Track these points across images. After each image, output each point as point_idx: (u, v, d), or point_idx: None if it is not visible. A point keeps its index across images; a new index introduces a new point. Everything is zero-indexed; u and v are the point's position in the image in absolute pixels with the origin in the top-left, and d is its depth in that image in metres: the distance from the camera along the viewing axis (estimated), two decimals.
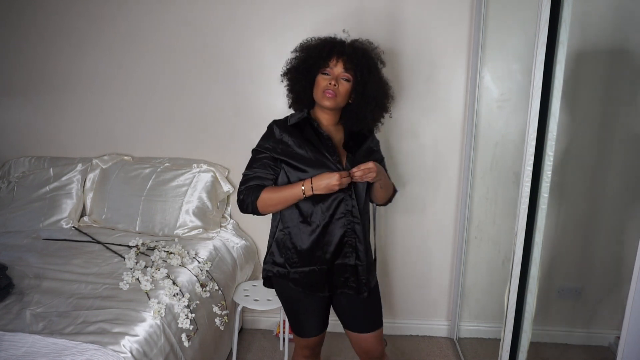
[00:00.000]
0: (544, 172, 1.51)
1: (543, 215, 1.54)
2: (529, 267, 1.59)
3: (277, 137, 1.57)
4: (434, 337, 2.61)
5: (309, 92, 1.60)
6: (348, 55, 1.54)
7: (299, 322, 1.70)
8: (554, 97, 1.46)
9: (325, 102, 1.54)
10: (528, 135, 1.50)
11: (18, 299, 1.69)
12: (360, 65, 1.53)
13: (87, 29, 2.42)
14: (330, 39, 1.60)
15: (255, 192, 1.54)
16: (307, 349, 1.73)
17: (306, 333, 1.70)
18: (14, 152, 2.61)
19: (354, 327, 1.70)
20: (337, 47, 1.55)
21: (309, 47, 1.60)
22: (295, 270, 1.60)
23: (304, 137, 1.56)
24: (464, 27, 2.24)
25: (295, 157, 1.53)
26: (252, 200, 1.54)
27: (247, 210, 1.57)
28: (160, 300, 1.72)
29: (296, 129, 1.58)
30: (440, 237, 2.50)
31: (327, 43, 1.57)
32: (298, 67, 1.60)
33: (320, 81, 1.55)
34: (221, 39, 2.35)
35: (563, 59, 1.43)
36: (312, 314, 1.67)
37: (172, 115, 2.47)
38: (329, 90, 1.52)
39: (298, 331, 1.71)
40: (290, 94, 1.66)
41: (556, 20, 1.41)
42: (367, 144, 1.66)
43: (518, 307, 1.63)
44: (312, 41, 1.62)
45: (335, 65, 1.53)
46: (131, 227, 2.33)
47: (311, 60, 1.56)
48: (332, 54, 1.54)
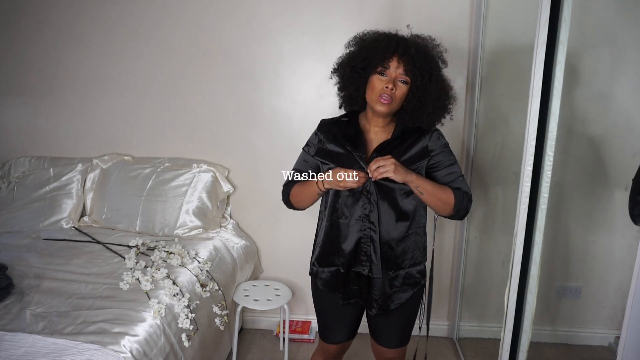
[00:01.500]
0: (544, 172, 1.51)
1: (543, 215, 1.53)
2: (529, 267, 1.59)
3: (316, 134, 1.56)
4: (434, 337, 2.61)
5: (362, 92, 1.45)
6: (410, 57, 1.36)
7: (324, 324, 1.66)
8: (554, 97, 1.46)
9: (379, 107, 1.39)
10: (528, 135, 1.50)
11: (18, 299, 1.69)
12: (422, 69, 1.37)
13: (87, 29, 2.42)
14: (390, 35, 1.43)
15: (287, 188, 1.61)
16: (327, 353, 1.68)
17: (328, 338, 1.65)
18: (14, 152, 2.61)
19: (376, 337, 1.64)
20: (400, 46, 1.38)
21: (365, 42, 1.43)
22: (322, 270, 1.57)
23: (342, 133, 1.49)
24: (464, 27, 2.24)
25: (323, 152, 1.52)
26: (286, 197, 1.61)
27: (289, 207, 1.63)
28: (160, 300, 1.72)
29: (340, 126, 1.52)
30: (440, 237, 2.50)
31: (388, 39, 1.39)
32: (352, 63, 1.42)
33: (375, 83, 1.39)
34: (222, 39, 2.35)
35: (563, 59, 1.43)
36: (338, 319, 1.62)
37: (172, 115, 2.47)
38: (384, 95, 1.37)
39: (322, 333, 1.67)
40: (340, 92, 1.53)
41: (556, 20, 1.41)
42: (420, 143, 1.47)
43: (518, 307, 1.63)
44: (368, 35, 1.46)
45: (395, 67, 1.37)
46: (131, 227, 2.33)
47: (368, 59, 1.39)
48: (394, 54, 1.37)
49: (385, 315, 1.54)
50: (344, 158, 1.47)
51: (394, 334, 1.60)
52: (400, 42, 1.39)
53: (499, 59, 2.21)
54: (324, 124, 1.57)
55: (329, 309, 1.62)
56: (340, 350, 1.69)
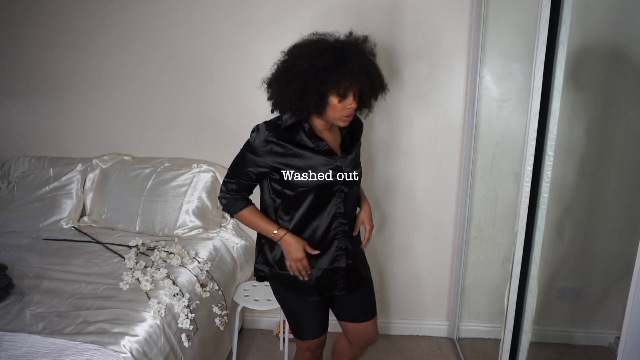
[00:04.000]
0: (544, 172, 1.51)
1: (543, 215, 1.54)
2: (529, 267, 1.59)
3: (268, 142, 1.47)
4: (434, 337, 2.61)
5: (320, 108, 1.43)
6: (360, 75, 1.40)
7: (297, 324, 1.68)
8: (554, 97, 1.46)
9: (342, 124, 1.47)
10: (528, 135, 1.50)
11: (18, 299, 1.69)
12: (369, 79, 1.44)
13: (87, 29, 2.42)
14: (338, 55, 1.38)
15: (237, 205, 1.59)
16: (308, 352, 1.72)
17: (305, 335, 1.68)
18: (14, 152, 2.61)
19: (351, 318, 1.70)
20: (354, 69, 1.38)
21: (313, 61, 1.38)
22: (285, 273, 1.60)
23: (296, 140, 1.49)
24: (464, 26, 2.24)
25: (292, 161, 1.48)
26: (233, 211, 1.60)
27: (226, 212, 1.63)
28: (160, 300, 1.72)
29: (288, 130, 1.49)
30: (440, 237, 2.50)
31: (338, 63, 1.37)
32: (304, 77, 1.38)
33: (336, 104, 1.41)
34: (221, 39, 2.35)
35: (563, 59, 1.43)
36: (309, 315, 1.66)
37: (172, 115, 2.47)
38: (349, 115, 1.45)
39: (297, 333, 1.69)
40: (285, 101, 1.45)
41: (556, 20, 1.42)
42: (357, 130, 1.66)
43: (518, 307, 1.63)
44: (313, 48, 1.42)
45: (350, 87, 1.40)
46: (131, 227, 2.33)
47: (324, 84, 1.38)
48: (346, 78, 1.37)
49: (359, 288, 1.67)
50: (309, 157, 1.49)
51: (371, 302, 1.73)
52: (352, 64, 1.38)
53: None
54: (275, 130, 1.48)
55: (296, 306, 1.66)
56: (320, 344, 1.73)
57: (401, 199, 2.45)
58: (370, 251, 2.55)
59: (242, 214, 1.59)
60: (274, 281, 1.65)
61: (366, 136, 2.38)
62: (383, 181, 2.44)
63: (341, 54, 1.38)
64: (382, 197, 2.46)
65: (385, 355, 2.44)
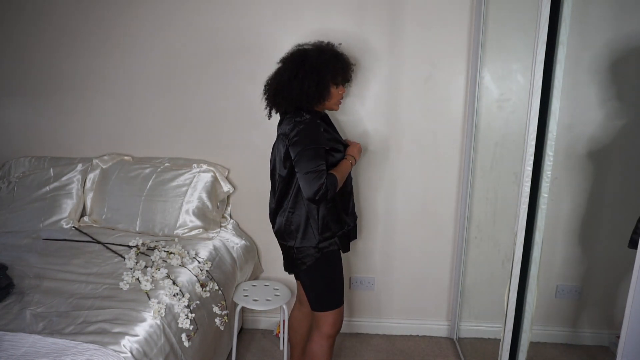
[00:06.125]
0: (544, 172, 1.51)
1: (543, 215, 1.54)
2: (529, 267, 1.59)
3: (322, 129, 1.76)
4: (434, 337, 2.61)
5: (326, 96, 1.77)
6: (348, 67, 1.85)
7: (338, 289, 1.85)
8: (554, 97, 1.46)
9: (337, 108, 1.88)
10: (528, 135, 1.50)
11: (18, 299, 1.69)
12: (351, 71, 1.90)
13: (87, 29, 2.42)
14: (334, 53, 1.80)
15: (331, 178, 1.69)
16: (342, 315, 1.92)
17: (342, 297, 1.87)
18: (14, 152, 2.61)
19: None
20: (342, 62, 1.82)
21: (330, 58, 1.76)
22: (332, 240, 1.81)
23: (324, 123, 1.83)
24: (464, 27, 2.24)
25: (336, 143, 1.82)
26: (334, 190, 1.70)
27: (327, 198, 1.69)
28: (160, 300, 1.72)
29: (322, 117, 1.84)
30: (440, 237, 2.50)
31: (342, 61, 1.81)
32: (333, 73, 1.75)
33: (334, 93, 1.79)
34: (221, 39, 2.35)
35: (563, 59, 1.43)
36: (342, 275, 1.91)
37: (172, 115, 2.47)
38: (340, 101, 1.87)
39: (338, 299, 1.85)
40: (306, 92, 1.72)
41: (556, 20, 1.42)
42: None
43: (518, 307, 1.63)
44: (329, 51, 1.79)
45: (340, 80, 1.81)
46: (131, 227, 2.33)
47: (338, 75, 1.78)
48: (344, 69, 1.81)
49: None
50: (343, 144, 1.90)
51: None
52: (343, 59, 1.83)
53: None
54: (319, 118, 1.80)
55: (340, 270, 1.87)
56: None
57: (401, 198, 2.45)
58: (371, 251, 2.55)
59: (338, 181, 1.73)
60: (318, 261, 1.78)
61: (366, 136, 2.38)
62: (383, 181, 2.44)
63: (335, 52, 1.81)
64: (382, 197, 2.46)
65: (385, 355, 2.45)
